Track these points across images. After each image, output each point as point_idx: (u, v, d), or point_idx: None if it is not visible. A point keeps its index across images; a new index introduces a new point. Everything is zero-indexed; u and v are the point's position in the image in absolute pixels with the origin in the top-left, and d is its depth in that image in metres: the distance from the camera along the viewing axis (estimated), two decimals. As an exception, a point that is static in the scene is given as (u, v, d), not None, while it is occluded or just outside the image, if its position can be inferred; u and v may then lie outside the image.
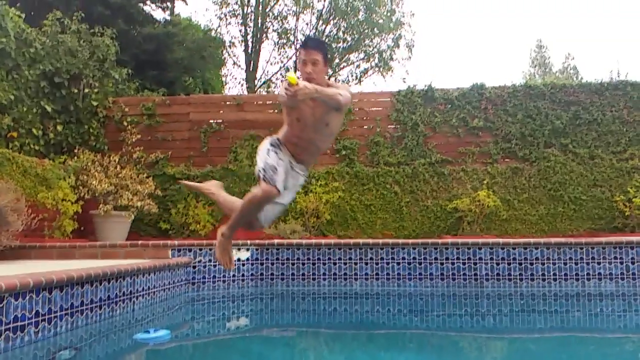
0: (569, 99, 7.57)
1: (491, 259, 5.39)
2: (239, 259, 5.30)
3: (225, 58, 16.77)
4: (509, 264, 5.38)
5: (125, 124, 7.63)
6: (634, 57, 37.97)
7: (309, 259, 5.52)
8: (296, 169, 3.11)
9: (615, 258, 5.34)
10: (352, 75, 18.61)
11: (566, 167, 7.34)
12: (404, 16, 18.19)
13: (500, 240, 5.51)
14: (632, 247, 5.33)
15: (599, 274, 5.32)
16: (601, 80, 7.65)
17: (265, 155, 2.99)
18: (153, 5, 12.84)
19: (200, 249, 5.17)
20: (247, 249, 5.38)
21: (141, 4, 12.35)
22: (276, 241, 5.61)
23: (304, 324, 4.09)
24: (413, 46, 18.32)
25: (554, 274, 5.33)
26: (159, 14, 13.04)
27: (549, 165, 7.36)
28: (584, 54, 46.04)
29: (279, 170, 2.94)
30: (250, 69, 17.37)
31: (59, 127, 7.15)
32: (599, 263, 5.32)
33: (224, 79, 16.92)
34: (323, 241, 5.62)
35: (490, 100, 7.66)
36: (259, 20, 17.31)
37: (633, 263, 5.30)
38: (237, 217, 3.07)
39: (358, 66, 18.54)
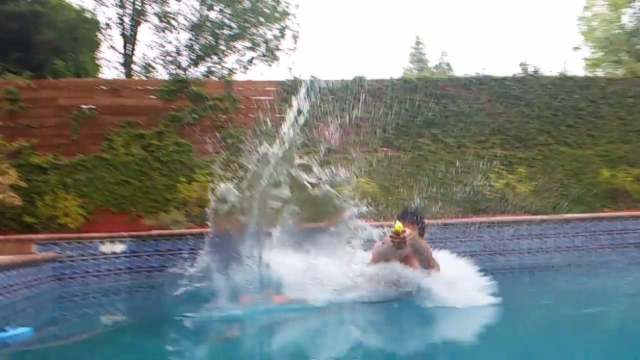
0: (440, 92, 8.11)
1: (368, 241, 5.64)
2: (113, 252, 5.04)
3: (100, 40, 15.71)
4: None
5: (-18, 109, 6.91)
6: (502, 52, 41.61)
7: (192, 249, 5.38)
8: None
9: (478, 237, 5.86)
10: (238, 64, 18.37)
11: (436, 156, 7.88)
12: (288, 7, 18.28)
13: (375, 223, 5.78)
14: (491, 226, 5.88)
15: (464, 251, 5.77)
16: (469, 75, 8.31)
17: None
18: (16, -20, 11.67)
19: (69, 243, 4.85)
20: (122, 241, 5.14)
21: (2, -22, 11.19)
22: (155, 232, 5.42)
23: (181, 313, 3.99)
24: (298, 37, 18.50)
25: (424, 254, 5.71)
26: (23, -10, 11.87)
27: (422, 153, 7.85)
28: (458, 52, 49.45)
29: None
30: (128, 53, 16.46)
31: None
32: (462, 241, 5.81)
33: (99, 62, 15.87)
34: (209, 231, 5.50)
35: (370, 92, 7.98)
36: (137, 2, 16.42)
37: (492, 241, 5.86)
38: None
39: (244, 54, 18.34)
